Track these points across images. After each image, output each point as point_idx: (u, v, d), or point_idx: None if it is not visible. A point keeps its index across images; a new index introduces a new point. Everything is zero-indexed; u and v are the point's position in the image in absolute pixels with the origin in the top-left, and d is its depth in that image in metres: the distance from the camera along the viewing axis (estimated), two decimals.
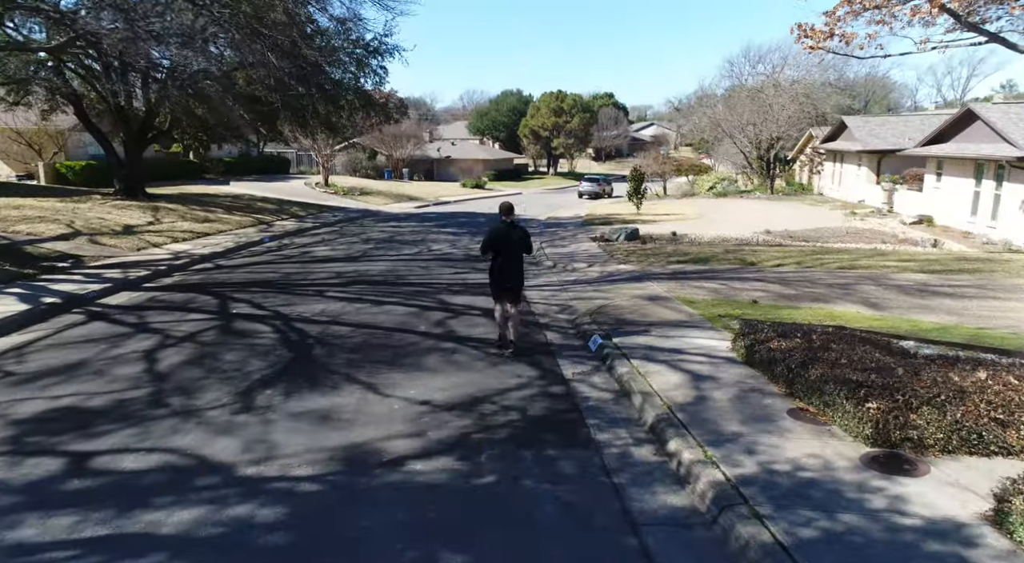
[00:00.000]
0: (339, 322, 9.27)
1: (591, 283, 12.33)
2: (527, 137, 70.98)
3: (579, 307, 10.41)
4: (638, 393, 6.33)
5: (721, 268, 13.52)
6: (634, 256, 15.26)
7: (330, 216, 26.18)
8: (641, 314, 9.56)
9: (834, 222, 23.21)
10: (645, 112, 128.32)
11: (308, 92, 21.20)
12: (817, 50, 13.82)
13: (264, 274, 13.27)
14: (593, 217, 26.81)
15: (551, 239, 19.72)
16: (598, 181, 45.23)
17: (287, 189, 34.92)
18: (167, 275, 12.90)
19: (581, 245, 18.09)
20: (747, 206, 30.57)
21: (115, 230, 16.81)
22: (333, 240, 19.24)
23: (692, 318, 9.20)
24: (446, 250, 17.24)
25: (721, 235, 19.53)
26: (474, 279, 12.70)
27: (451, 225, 24.22)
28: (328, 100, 21.31)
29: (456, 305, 10.53)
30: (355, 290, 11.68)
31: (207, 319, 9.37)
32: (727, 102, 46.72)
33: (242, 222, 21.49)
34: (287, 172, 47.60)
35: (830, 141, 34.02)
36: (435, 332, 8.87)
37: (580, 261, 15.04)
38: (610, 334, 8.45)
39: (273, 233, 20.02)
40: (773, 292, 10.91)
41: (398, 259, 15.53)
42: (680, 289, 11.31)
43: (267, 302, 10.47)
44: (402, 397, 6.40)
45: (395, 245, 18.07)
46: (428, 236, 20.50)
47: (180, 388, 6.50)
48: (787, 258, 14.31)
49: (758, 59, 56.68)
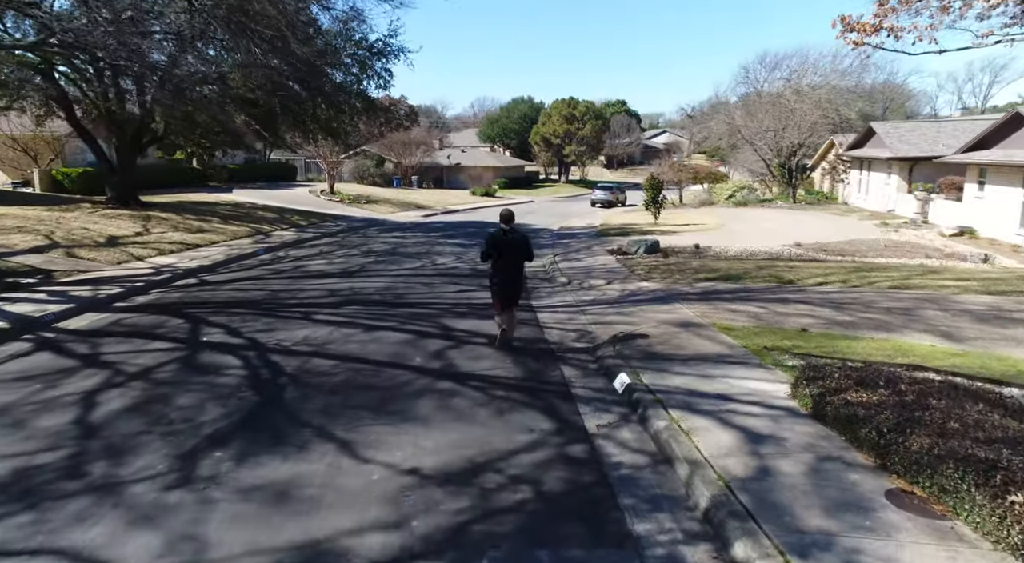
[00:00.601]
0: (322, 353, 7.99)
1: (612, 304, 10.99)
2: (538, 144, 69.86)
3: (600, 334, 9.08)
4: (683, 460, 4.98)
5: (756, 287, 12.13)
6: (657, 272, 13.90)
7: (332, 226, 25.02)
8: (673, 345, 8.21)
9: (867, 234, 21.71)
10: (657, 120, 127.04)
11: (307, 95, 20.11)
12: (861, 46, 12.45)
13: (250, 292, 12.05)
14: (608, 227, 25.47)
15: (565, 251, 18.39)
16: (611, 189, 43.89)
17: (290, 197, 33.88)
18: (143, 293, 11.70)
19: (598, 259, 16.74)
20: (769, 216, 29.10)
21: (97, 242, 15.69)
22: (331, 252, 18.03)
23: (734, 351, 7.83)
24: (451, 264, 15.96)
25: (748, 248, 18.11)
26: (480, 298, 11.41)
27: (459, 235, 22.97)
28: (329, 103, 20.18)
29: (458, 331, 9.23)
30: (347, 312, 10.41)
31: (171, 349, 8.12)
32: (746, 108, 45.34)
33: (237, 232, 20.36)
34: (293, 179, 46.66)
35: (856, 148, 32.52)
36: (432, 367, 7.56)
37: (598, 277, 13.70)
38: (639, 371, 7.11)
39: (269, 244, 18.85)
40: (824, 318, 9.51)
41: (398, 274, 14.26)
42: (714, 313, 9.94)
43: (245, 327, 9.22)
44: (384, 462, 5.09)
45: (397, 258, 16.82)
46: (433, 248, 19.24)
47: (109, 449, 5.22)
48: (829, 275, 12.89)
49: (774, 65, 55.21)
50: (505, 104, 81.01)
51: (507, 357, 8.04)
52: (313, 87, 20.19)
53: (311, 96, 20.20)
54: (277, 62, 19.28)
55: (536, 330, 9.51)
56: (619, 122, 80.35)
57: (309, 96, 20.10)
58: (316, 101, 20.20)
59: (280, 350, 8.10)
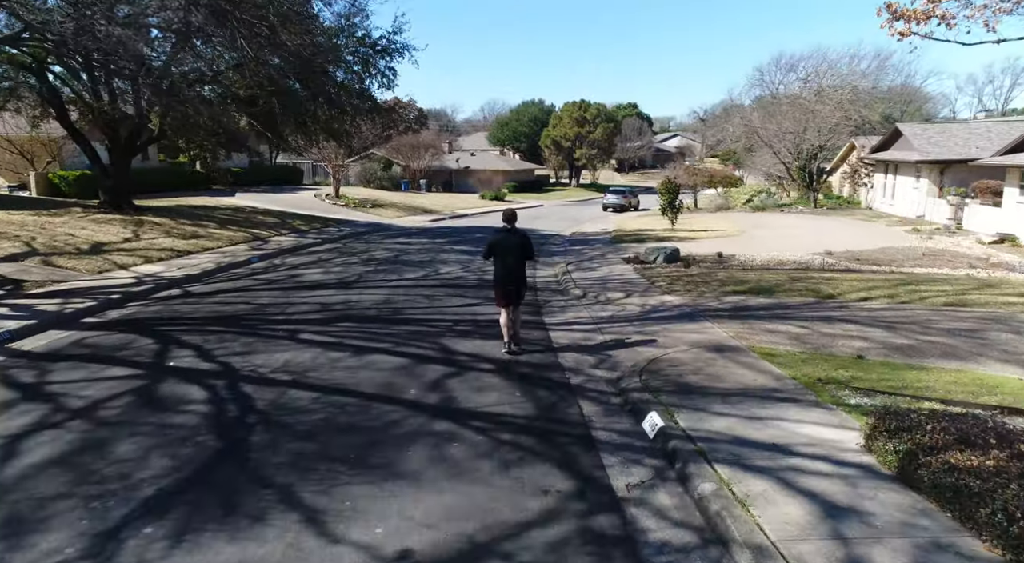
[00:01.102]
0: (303, 383, 6.92)
1: (632, 322, 9.86)
2: (548, 148, 68.81)
3: (621, 358, 7.97)
4: (743, 545, 3.85)
5: (793, 302, 10.94)
6: (679, 284, 12.75)
7: (335, 230, 24.04)
8: (709, 374, 7.07)
9: (900, 241, 20.42)
10: (668, 123, 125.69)
11: (307, 94, 19.14)
12: (908, 36, 11.28)
13: (235, 306, 11.02)
14: (622, 233, 24.32)
15: (577, 260, 17.26)
16: (624, 193, 42.67)
17: (294, 201, 33.00)
18: (118, 306, 10.70)
19: (613, 268, 15.60)
20: (791, 222, 27.81)
21: (80, 249, 14.75)
22: (330, 260, 17.00)
23: (783, 383, 6.68)
24: (456, 274, 14.89)
25: (774, 257, 16.91)
26: (486, 314, 10.32)
27: (466, 241, 21.91)
28: (330, 103, 19.18)
29: (461, 354, 8.14)
30: (337, 330, 9.35)
31: (129, 377, 7.08)
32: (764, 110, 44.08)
33: (234, 238, 19.39)
34: (300, 183, 45.83)
35: (881, 151, 31.17)
36: (428, 402, 6.47)
37: (615, 290, 12.56)
38: (672, 410, 5.99)
39: (265, 251, 17.86)
40: (877, 341, 8.33)
41: (398, 285, 13.20)
42: (750, 334, 8.78)
43: (220, 349, 8.17)
44: (360, 542, 3.99)
45: (398, 267, 15.76)
46: (439, 255, 18.17)
47: (10, 522, 4.16)
48: (872, 289, 11.67)
49: (790, 67, 53.80)
50: (515, 107, 80.00)
51: (515, 387, 6.95)
52: (313, 86, 19.23)
53: (311, 95, 19.22)
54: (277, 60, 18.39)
55: (549, 353, 8.41)
56: (630, 125, 79.09)
57: (309, 95, 19.12)
58: (317, 101, 19.21)
59: (255, 378, 7.04)
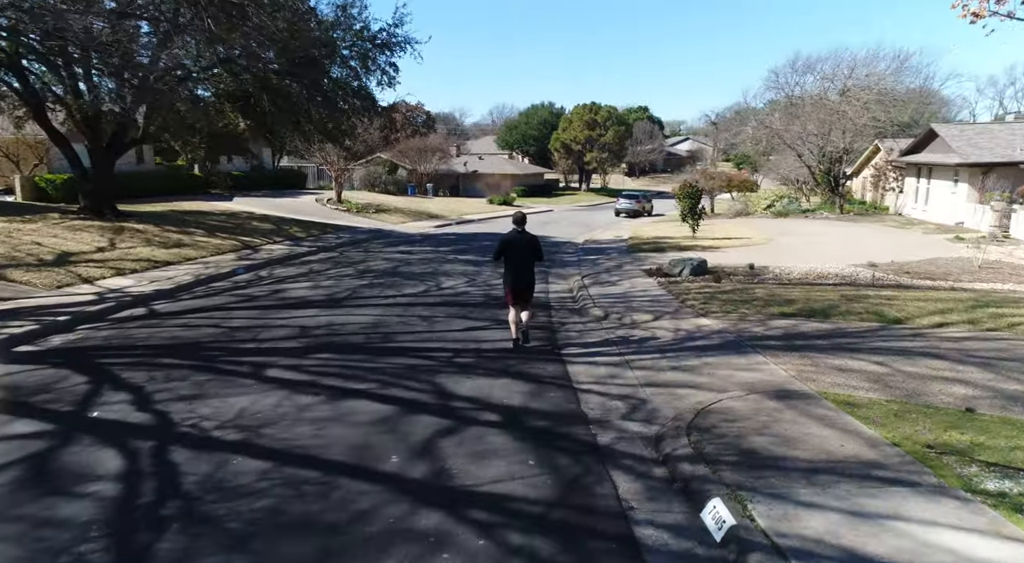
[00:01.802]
0: (253, 446, 5.37)
1: (665, 352, 8.26)
2: (558, 151, 67.27)
3: (659, 404, 6.39)
4: None
5: (854, 328, 9.29)
6: (715, 303, 11.12)
7: (333, 238, 22.57)
8: (780, 436, 5.46)
9: (944, 251, 18.69)
10: (679, 127, 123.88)
11: (301, 91, 17.70)
12: (983, 17, 9.63)
13: (200, 329, 9.51)
14: (639, 241, 22.70)
15: (594, 272, 15.66)
16: (637, 198, 41.01)
17: (294, 206, 31.61)
18: (64, 330, 9.22)
19: (635, 282, 13.99)
20: (818, 229, 26.09)
21: (43, 260, 13.33)
22: (322, 272, 15.49)
23: (883, 452, 5.06)
24: (460, 288, 13.33)
25: (812, 269, 15.24)
26: (493, 341, 8.77)
27: (472, 250, 20.38)
28: (325, 102, 17.72)
29: (461, 399, 6.58)
30: (314, 364, 7.81)
31: (33, 435, 5.55)
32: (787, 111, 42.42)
33: (221, 247, 17.95)
34: (303, 187, 44.52)
35: (913, 153, 29.40)
36: (413, 476, 4.90)
37: (641, 310, 10.95)
38: (742, 495, 4.39)
39: (253, 261, 16.39)
40: (981, 385, 6.68)
41: (394, 303, 11.65)
42: (816, 373, 7.16)
43: (165, 391, 6.65)
44: None
45: (396, 281, 14.21)
46: (441, 266, 16.61)
47: None
48: (946, 313, 10.00)
49: (807, 68, 52.04)
50: (524, 110, 78.58)
51: (528, 450, 5.38)
52: (307, 82, 17.79)
53: (305, 93, 17.77)
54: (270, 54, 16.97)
55: (568, 394, 6.84)
56: (641, 129, 77.36)
57: (303, 93, 17.67)
58: (312, 99, 17.76)
59: (195, 439, 5.50)
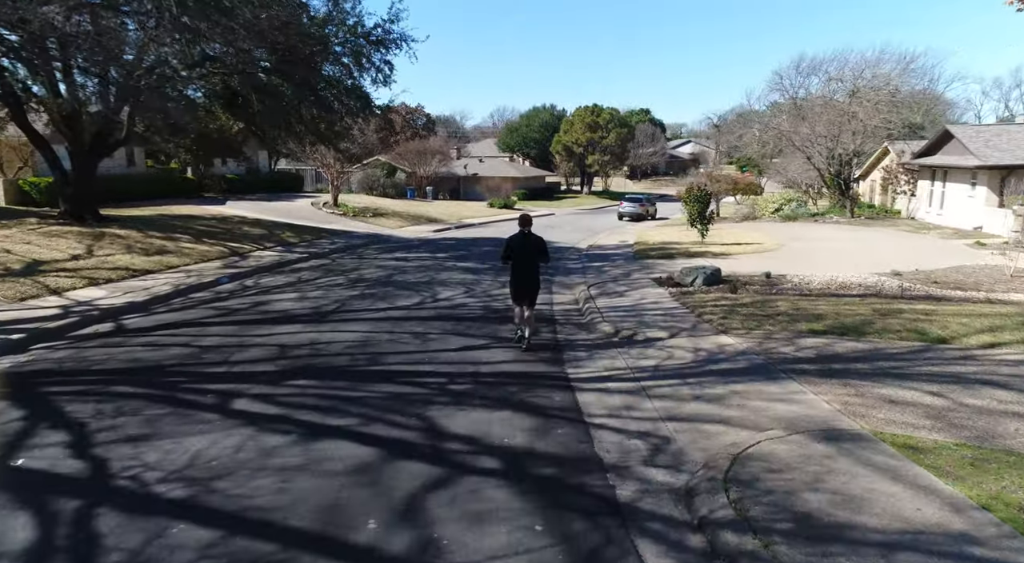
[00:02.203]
0: (200, 507, 4.44)
1: (687, 378, 7.33)
2: (560, 154, 66.42)
3: (686, 446, 5.48)
4: None
5: (895, 349, 8.34)
6: (735, 317, 10.19)
7: (326, 244, 21.66)
8: (838, 493, 4.52)
9: (967, 258, 17.75)
10: (679, 130, 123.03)
11: (291, 90, 16.82)
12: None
13: (166, 350, 8.58)
14: (646, 246, 21.77)
15: (600, 281, 14.72)
16: (640, 201, 40.06)
17: (289, 210, 30.73)
18: (17, 350, 8.29)
19: (645, 293, 13.06)
20: (830, 233, 25.16)
21: (10, 269, 12.42)
22: (311, 281, 14.56)
23: (973, 521, 4.12)
24: (457, 300, 12.41)
25: (833, 278, 14.31)
26: (493, 364, 7.86)
27: (472, 256, 19.47)
28: (316, 101, 16.84)
29: (455, 439, 5.66)
30: (289, 392, 6.88)
31: None
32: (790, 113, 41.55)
33: (207, 254, 17.04)
34: (300, 190, 43.62)
35: (926, 155, 28.48)
36: (394, 551, 3.96)
37: (654, 326, 10.02)
38: None
39: (240, 269, 15.47)
40: None
41: (385, 317, 10.73)
42: (864, 406, 6.23)
43: (109, 429, 5.73)
44: None
45: (389, 291, 13.29)
46: (439, 275, 15.68)
47: None
48: (996, 331, 9.04)
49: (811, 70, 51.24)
50: (525, 112, 77.74)
51: (534, 511, 4.46)
52: (297, 81, 16.89)
53: (297, 92, 16.88)
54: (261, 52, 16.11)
55: (579, 430, 5.93)
56: (643, 131, 76.48)
57: (294, 92, 16.78)
58: (304, 97, 16.86)
59: (133, 496, 4.57)
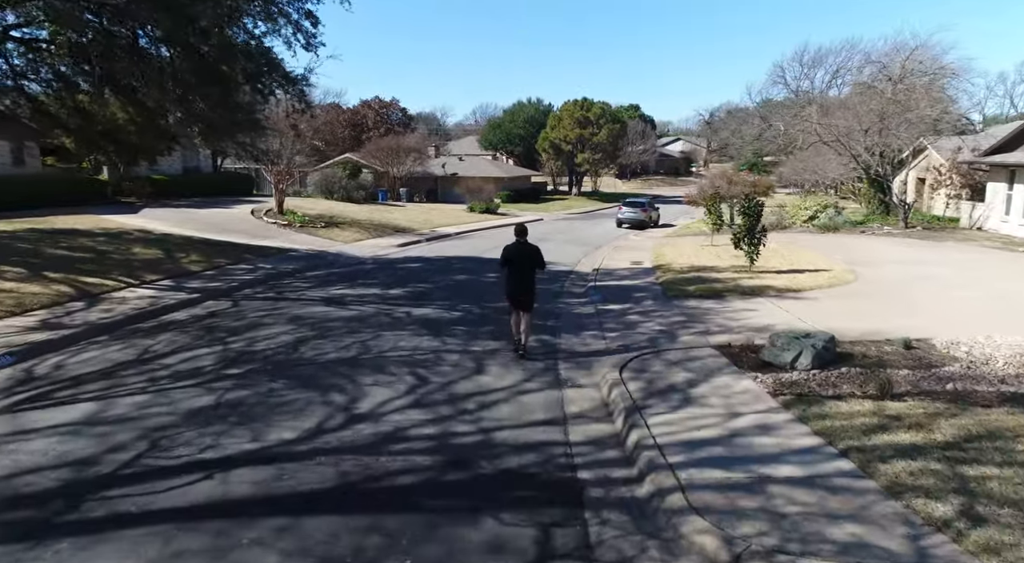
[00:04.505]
0: None
1: None
2: (547, 152, 60.93)
3: None
4: None
5: None
6: (934, 479, 4.72)
7: (242, 273, 15.90)
8: None
9: None
10: (666, 127, 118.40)
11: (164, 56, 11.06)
12: None
13: None
14: (673, 273, 16.22)
15: (634, 353, 9.13)
16: (642, 206, 34.58)
17: (221, 220, 24.86)
18: None
19: (721, 389, 7.51)
20: (901, 253, 19.86)
21: None
22: (152, 360, 8.81)
23: None
24: (394, 419, 6.76)
25: (1015, 347, 8.96)
26: None
27: (442, 289, 13.91)
28: (200, 70, 11.12)
29: None
30: None
31: None
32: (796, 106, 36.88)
33: (29, 300, 11.25)
34: (248, 194, 37.55)
35: (1001, 152, 23.42)
36: None
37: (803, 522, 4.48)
38: None
39: (55, 332, 9.70)
40: None
41: (223, 496, 5.10)
42: None
43: None
44: None
45: (275, 391, 7.58)
46: (377, 340, 9.97)
47: None
48: None
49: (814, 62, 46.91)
50: (509, 107, 72.10)
51: None
52: (178, 47, 11.17)
53: (172, 58, 11.16)
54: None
55: None
56: (634, 128, 71.28)
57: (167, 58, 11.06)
58: (180, 67, 11.14)
59: None
